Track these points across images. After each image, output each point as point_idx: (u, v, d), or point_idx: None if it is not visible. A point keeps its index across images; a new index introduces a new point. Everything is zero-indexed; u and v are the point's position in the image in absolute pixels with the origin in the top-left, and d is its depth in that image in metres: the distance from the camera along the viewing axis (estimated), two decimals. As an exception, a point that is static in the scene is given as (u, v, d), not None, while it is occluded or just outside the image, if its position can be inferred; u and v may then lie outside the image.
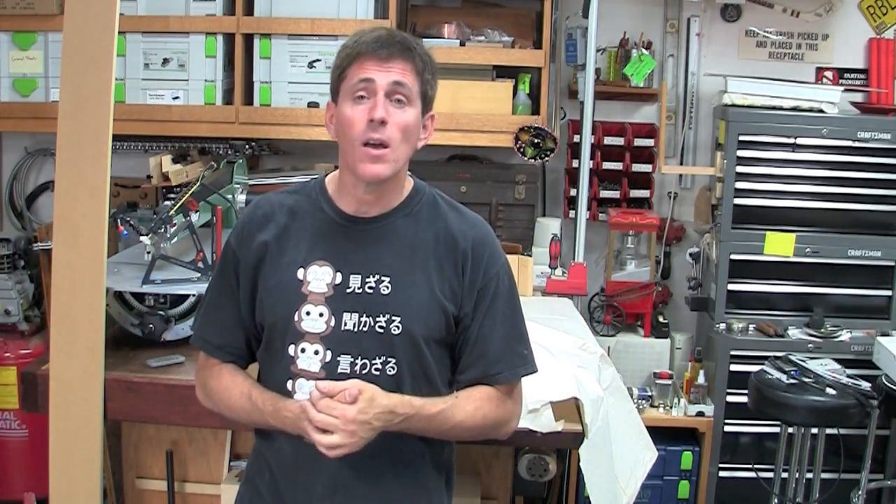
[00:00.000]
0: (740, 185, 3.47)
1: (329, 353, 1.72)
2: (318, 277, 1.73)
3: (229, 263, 1.82)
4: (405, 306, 1.72)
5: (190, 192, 2.72)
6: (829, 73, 3.84)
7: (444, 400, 1.73)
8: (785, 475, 3.28)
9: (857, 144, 3.43)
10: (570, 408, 2.29)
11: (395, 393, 1.69)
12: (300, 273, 1.74)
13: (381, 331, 1.72)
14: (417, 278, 1.74)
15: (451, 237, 1.77)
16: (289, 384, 1.74)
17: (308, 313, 1.73)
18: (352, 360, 1.71)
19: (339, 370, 1.71)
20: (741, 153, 3.45)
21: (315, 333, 1.72)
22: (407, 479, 1.78)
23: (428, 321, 1.74)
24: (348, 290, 1.73)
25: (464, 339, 1.78)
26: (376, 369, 1.72)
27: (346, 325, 1.72)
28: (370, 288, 1.73)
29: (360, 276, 1.73)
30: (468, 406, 1.74)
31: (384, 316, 1.72)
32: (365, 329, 1.72)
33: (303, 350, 1.73)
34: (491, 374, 1.78)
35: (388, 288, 1.73)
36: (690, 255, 3.78)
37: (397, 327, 1.72)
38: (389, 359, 1.72)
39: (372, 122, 1.67)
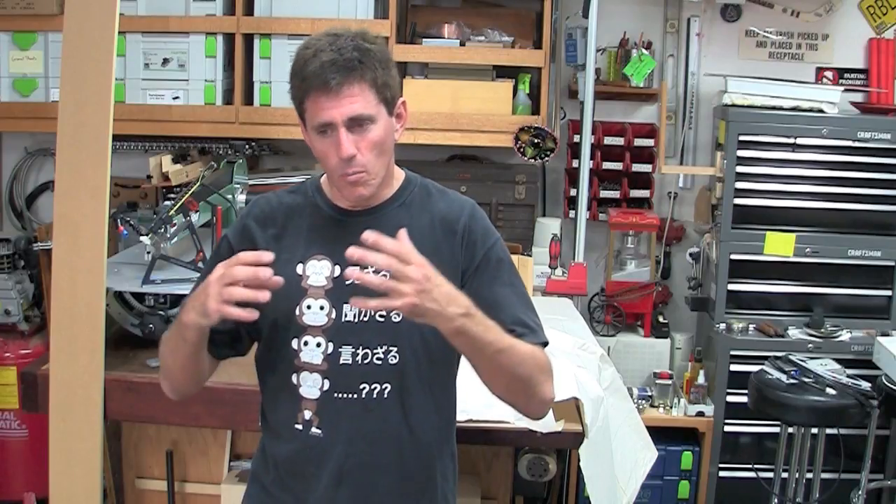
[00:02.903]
0: (740, 185, 3.46)
1: (331, 345, 1.72)
2: (317, 271, 1.74)
3: (223, 257, 1.78)
4: None
5: (190, 192, 2.72)
6: (829, 73, 3.83)
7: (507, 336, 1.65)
8: (785, 475, 3.27)
9: (857, 144, 3.43)
10: (570, 408, 2.29)
11: (397, 383, 1.71)
12: (299, 268, 1.75)
13: (382, 319, 1.72)
14: None
15: (444, 220, 1.78)
16: (293, 377, 1.75)
17: (309, 307, 1.73)
18: (353, 350, 1.72)
19: (342, 361, 1.72)
20: (741, 153, 3.45)
21: (317, 326, 1.73)
22: (413, 471, 1.78)
23: None
24: (347, 282, 1.71)
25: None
26: (378, 358, 1.72)
27: (346, 316, 1.72)
28: None
29: (358, 267, 1.74)
30: (526, 346, 1.68)
31: None
32: (366, 319, 1.72)
33: (305, 343, 1.73)
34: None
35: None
36: (690, 255, 3.77)
37: (397, 314, 1.71)
38: (391, 347, 1.73)
39: (342, 161, 1.68)
